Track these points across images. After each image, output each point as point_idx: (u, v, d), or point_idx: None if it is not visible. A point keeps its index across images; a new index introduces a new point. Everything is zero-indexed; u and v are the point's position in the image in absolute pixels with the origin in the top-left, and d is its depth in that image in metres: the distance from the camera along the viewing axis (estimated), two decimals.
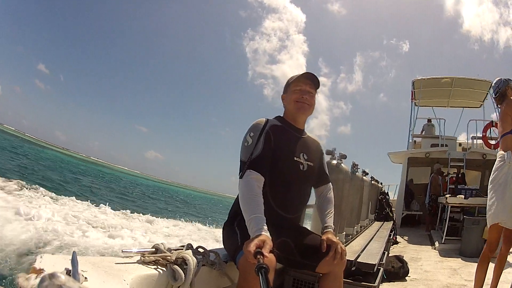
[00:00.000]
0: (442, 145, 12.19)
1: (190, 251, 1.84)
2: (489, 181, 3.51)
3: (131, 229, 11.80)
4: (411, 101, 14.15)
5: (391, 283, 4.83)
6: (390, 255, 5.87)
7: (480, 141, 12.24)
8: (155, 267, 1.66)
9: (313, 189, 2.55)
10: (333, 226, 2.39)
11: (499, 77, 3.68)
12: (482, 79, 12.72)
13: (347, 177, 4.78)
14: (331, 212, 2.48)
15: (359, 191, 6.30)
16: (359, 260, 3.44)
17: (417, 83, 13.61)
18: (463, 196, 8.06)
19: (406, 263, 5.31)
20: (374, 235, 5.98)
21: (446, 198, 8.27)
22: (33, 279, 1.16)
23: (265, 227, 1.84)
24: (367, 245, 4.57)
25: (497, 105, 3.76)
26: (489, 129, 11.83)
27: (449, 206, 8.22)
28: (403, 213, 12.49)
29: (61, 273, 0.76)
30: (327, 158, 4.13)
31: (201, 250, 2.02)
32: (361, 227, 6.70)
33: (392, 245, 8.10)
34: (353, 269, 3.32)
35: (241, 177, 2.07)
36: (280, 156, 2.20)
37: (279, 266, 2.96)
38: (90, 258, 1.69)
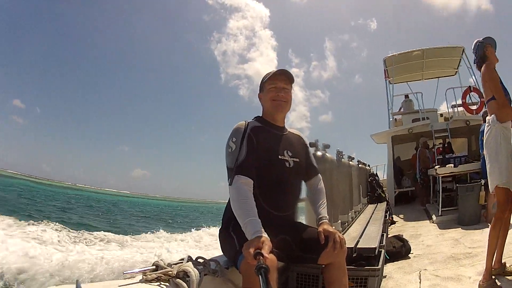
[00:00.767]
0: (423, 119, 12.19)
1: (190, 263, 1.85)
2: (484, 144, 3.48)
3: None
4: (385, 79, 14.13)
5: (395, 262, 4.74)
6: (389, 235, 5.81)
7: (461, 109, 12.28)
8: (158, 283, 1.66)
9: (304, 182, 2.55)
10: (327, 216, 2.40)
11: (477, 40, 3.58)
12: (453, 46, 12.78)
13: (334, 165, 4.74)
14: (324, 203, 2.50)
15: (348, 177, 6.24)
16: (359, 246, 3.39)
17: (388, 60, 13.59)
18: (452, 165, 7.99)
19: (407, 241, 5.21)
20: (370, 218, 5.86)
21: (436, 169, 8.19)
22: None
23: (262, 228, 1.84)
24: (364, 230, 4.48)
25: (479, 70, 3.64)
26: (468, 95, 11.88)
27: (440, 177, 8.13)
28: (395, 191, 12.46)
29: None
30: (311, 150, 4.03)
31: (201, 260, 1.98)
32: (355, 212, 6.59)
33: (390, 226, 8.02)
34: (354, 255, 3.24)
35: (230, 183, 2.07)
36: (265, 156, 2.19)
37: (281, 264, 2.85)
38: (94, 285, 1.73)
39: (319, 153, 4.19)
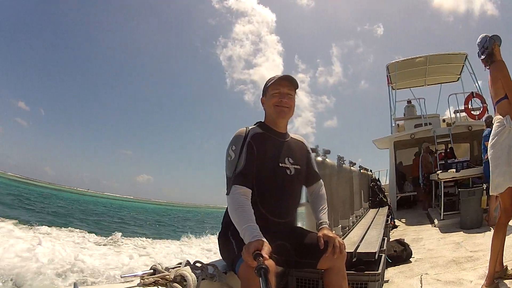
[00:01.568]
0: (426, 124, 12.17)
1: (188, 267, 1.85)
2: (489, 146, 3.36)
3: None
4: (388, 85, 14.12)
5: (396, 267, 4.73)
6: (390, 240, 5.79)
7: (463, 114, 12.26)
8: (155, 287, 1.66)
9: (305, 188, 2.54)
10: (328, 221, 2.38)
11: (484, 34, 3.48)
12: (456, 52, 12.79)
13: (334, 171, 4.77)
14: (325, 208, 2.48)
15: (349, 182, 6.24)
16: (359, 251, 3.37)
17: (391, 67, 13.60)
18: (454, 170, 7.98)
19: (408, 245, 5.20)
20: (371, 223, 5.85)
21: (438, 174, 8.18)
22: None
23: (260, 233, 1.83)
24: (365, 234, 4.47)
25: (485, 66, 3.57)
26: (470, 101, 11.86)
27: (442, 182, 8.12)
28: (397, 196, 12.43)
29: None
30: (313, 156, 4.05)
31: (198, 264, 1.98)
32: (356, 217, 6.59)
33: (392, 230, 8.02)
34: (354, 260, 3.22)
35: (228, 193, 2.06)
36: (265, 164, 2.18)
37: (280, 269, 2.86)
38: None
39: (319, 158, 4.20)
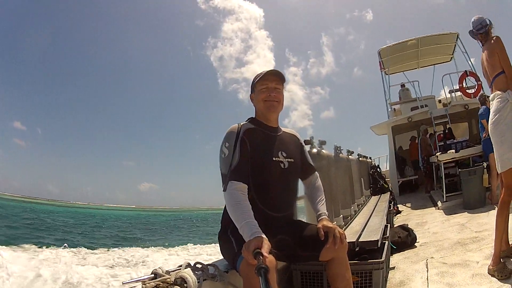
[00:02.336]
0: (422, 106, 12.10)
1: (188, 269, 1.86)
2: (491, 123, 3.27)
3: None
4: (381, 71, 14.05)
5: (401, 253, 4.71)
6: (394, 226, 5.78)
7: (458, 93, 12.20)
8: None
9: (301, 181, 2.55)
10: (326, 212, 2.37)
11: (480, 16, 3.44)
12: (447, 32, 12.71)
13: (331, 161, 4.75)
14: (322, 199, 2.47)
15: (347, 172, 6.22)
16: (361, 240, 3.33)
17: (383, 52, 13.53)
18: (453, 151, 7.94)
19: (412, 230, 5.18)
20: (373, 210, 5.83)
21: (437, 156, 8.15)
22: None
23: (259, 229, 1.83)
24: (367, 223, 4.43)
25: (481, 42, 3.50)
26: (464, 79, 11.82)
27: (442, 163, 8.08)
28: (398, 181, 12.42)
29: None
30: (307, 148, 4.01)
31: (199, 265, 1.98)
32: (358, 205, 6.58)
33: (395, 216, 7.99)
34: (357, 249, 3.18)
35: (224, 189, 2.06)
36: (259, 159, 2.18)
37: (282, 264, 2.82)
38: None
39: (314, 150, 4.17)
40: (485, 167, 6.62)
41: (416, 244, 5.00)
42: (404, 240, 4.91)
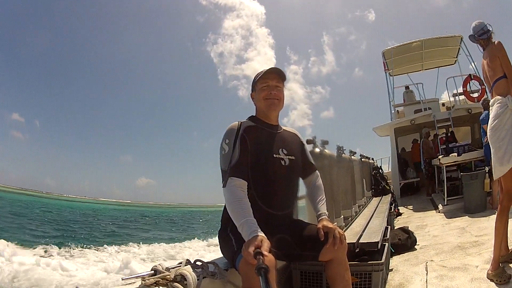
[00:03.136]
0: (425, 109, 12.09)
1: (188, 266, 1.86)
2: (490, 128, 3.27)
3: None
4: (385, 72, 14.04)
5: (401, 255, 4.72)
6: (395, 228, 5.79)
7: (462, 97, 12.18)
8: None
9: (302, 180, 2.54)
10: (327, 212, 2.37)
11: (481, 21, 3.44)
12: (452, 35, 12.69)
13: (333, 161, 4.73)
14: (323, 199, 2.47)
15: (349, 172, 6.22)
16: (361, 241, 3.32)
17: (387, 53, 13.51)
18: (456, 154, 7.93)
19: (412, 233, 5.18)
20: (374, 212, 5.82)
21: (439, 159, 8.14)
22: None
23: (258, 228, 1.83)
24: (368, 224, 4.42)
25: (482, 46, 3.50)
26: (468, 83, 11.77)
27: (444, 167, 8.08)
28: (400, 183, 12.38)
29: None
30: (309, 147, 4.00)
31: (199, 263, 1.97)
32: (359, 206, 6.57)
33: (396, 218, 8.00)
34: (357, 250, 3.18)
35: (224, 186, 2.06)
36: (259, 156, 2.18)
37: (282, 263, 2.83)
38: None
39: (317, 149, 4.15)
40: (486, 171, 6.61)
41: (416, 246, 5.00)
42: (404, 242, 4.92)
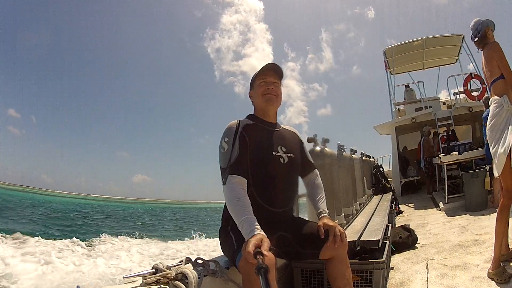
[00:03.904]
0: (426, 107, 12.09)
1: (189, 265, 1.86)
2: (488, 128, 3.29)
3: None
4: (386, 70, 14.04)
5: (402, 253, 4.72)
6: (396, 226, 5.80)
7: (463, 96, 12.17)
8: (158, 287, 1.67)
9: (301, 179, 2.56)
10: (327, 210, 2.37)
11: (477, 18, 3.47)
12: (453, 34, 12.67)
13: (334, 159, 4.71)
14: (322, 197, 2.48)
15: (350, 170, 6.21)
16: (362, 239, 3.31)
17: (388, 51, 13.51)
18: (456, 153, 7.93)
19: (413, 231, 5.18)
20: (375, 210, 5.83)
21: (440, 158, 8.14)
22: None
23: (258, 226, 1.82)
24: (368, 222, 4.42)
25: (478, 48, 3.54)
26: (469, 82, 11.76)
27: (445, 165, 8.08)
28: (401, 181, 12.40)
29: None
30: (310, 146, 3.99)
31: (200, 261, 1.97)
32: (360, 204, 6.58)
33: (397, 216, 8.00)
34: (358, 248, 3.17)
35: (224, 183, 2.06)
36: (258, 153, 2.19)
37: (282, 262, 2.83)
38: None
39: (318, 148, 4.15)
40: (487, 170, 6.61)
41: (417, 245, 5.00)
42: (405, 240, 4.92)
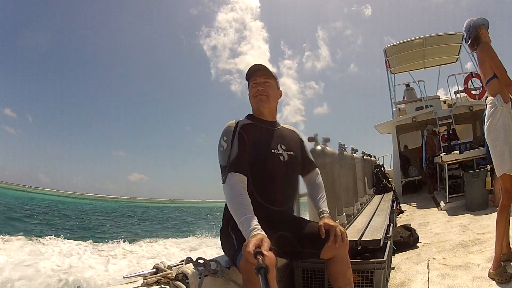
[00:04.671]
0: (427, 106, 12.07)
1: (190, 265, 1.85)
2: (485, 129, 3.27)
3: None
4: (386, 70, 14.02)
5: (403, 253, 4.72)
6: (397, 225, 5.80)
7: (463, 94, 12.18)
8: (159, 287, 1.68)
9: (302, 178, 2.56)
10: (328, 210, 2.36)
11: (469, 19, 3.42)
12: (453, 33, 12.64)
13: (335, 159, 4.70)
14: (323, 196, 2.47)
15: (351, 170, 6.19)
16: (363, 238, 3.31)
17: (389, 50, 13.48)
18: (458, 152, 7.92)
19: (414, 230, 5.17)
20: (376, 209, 5.82)
21: (441, 157, 8.13)
22: None
23: (258, 225, 1.81)
24: (370, 222, 4.42)
25: (472, 51, 3.53)
26: (469, 81, 11.77)
27: (446, 164, 8.07)
28: (402, 181, 12.39)
29: None
30: (311, 145, 3.99)
31: (201, 261, 1.95)
32: (361, 204, 6.58)
33: (398, 215, 8.00)
34: (359, 248, 3.18)
35: (224, 181, 2.06)
36: (258, 152, 2.19)
37: (283, 261, 2.83)
38: None
39: (319, 147, 4.14)
40: (488, 169, 6.60)
41: (418, 244, 5.00)
42: (406, 240, 4.91)
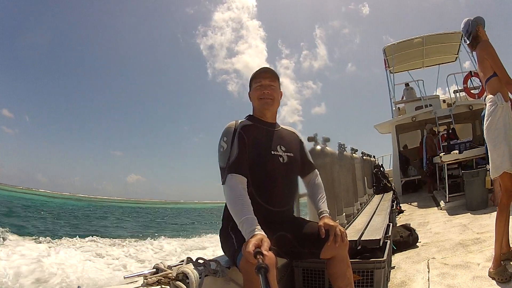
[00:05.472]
0: (426, 106, 12.08)
1: (190, 265, 1.85)
2: (484, 128, 3.25)
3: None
4: (386, 69, 14.01)
5: (403, 252, 4.72)
6: (397, 225, 5.80)
7: (463, 94, 12.18)
8: (159, 287, 1.67)
9: (301, 179, 2.57)
10: (328, 210, 2.37)
11: (467, 18, 3.41)
12: (452, 32, 12.63)
13: (335, 159, 4.70)
14: (323, 196, 2.48)
15: (351, 170, 6.20)
16: (363, 238, 3.31)
17: (388, 49, 13.47)
18: (457, 152, 7.91)
19: (414, 230, 5.17)
20: (376, 209, 5.82)
21: (441, 157, 8.13)
22: None
23: (258, 226, 1.83)
24: (369, 221, 4.41)
25: (471, 51, 3.52)
26: (469, 80, 11.78)
27: (446, 164, 8.07)
28: (402, 180, 12.39)
29: None
30: (310, 145, 3.99)
31: (201, 261, 1.96)
32: (361, 204, 6.58)
33: (398, 215, 8.00)
34: (359, 248, 3.18)
35: (223, 183, 2.07)
36: (258, 153, 2.20)
37: (283, 261, 2.83)
38: None
39: (318, 147, 4.14)
40: (488, 169, 6.60)
41: (418, 244, 5.00)
42: (406, 239, 4.91)
